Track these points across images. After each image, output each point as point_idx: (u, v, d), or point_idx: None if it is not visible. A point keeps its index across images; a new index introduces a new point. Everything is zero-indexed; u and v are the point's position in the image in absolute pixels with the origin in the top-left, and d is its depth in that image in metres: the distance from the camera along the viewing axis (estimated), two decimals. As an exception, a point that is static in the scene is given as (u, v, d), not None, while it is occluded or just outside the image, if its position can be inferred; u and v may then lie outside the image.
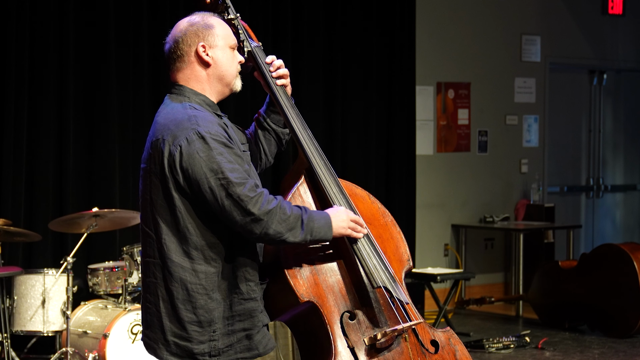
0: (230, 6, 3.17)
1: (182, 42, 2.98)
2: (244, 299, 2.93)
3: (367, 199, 3.28)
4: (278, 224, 2.85)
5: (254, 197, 2.82)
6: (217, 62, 3.00)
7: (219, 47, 2.99)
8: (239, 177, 2.83)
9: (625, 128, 10.54)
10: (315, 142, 3.16)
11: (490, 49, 9.25)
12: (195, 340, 2.89)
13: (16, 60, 6.58)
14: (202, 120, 2.87)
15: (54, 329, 5.91)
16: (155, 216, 2.90)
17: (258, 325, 2.96)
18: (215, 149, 2.83)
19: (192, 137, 2.83)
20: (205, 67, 2.99)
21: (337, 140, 8.04)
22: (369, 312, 3.08)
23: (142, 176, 2.96)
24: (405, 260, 3.29)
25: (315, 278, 3.02)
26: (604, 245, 7.98)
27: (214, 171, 2.81)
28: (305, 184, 3.13)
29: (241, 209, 2.81)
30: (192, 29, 2.98)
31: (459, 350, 3.25)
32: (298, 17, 7.87)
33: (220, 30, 3.01)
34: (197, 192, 2.83)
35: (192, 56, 2.99)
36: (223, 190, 2.81)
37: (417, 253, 8.62)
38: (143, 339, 3.00)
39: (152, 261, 2.93)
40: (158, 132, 2.91)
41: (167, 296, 2.90)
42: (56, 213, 6.61)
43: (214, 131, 2.86)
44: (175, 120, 2.89)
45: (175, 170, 2.84)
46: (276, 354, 5.71)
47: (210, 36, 2.98)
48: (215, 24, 3.01)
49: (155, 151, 2.89)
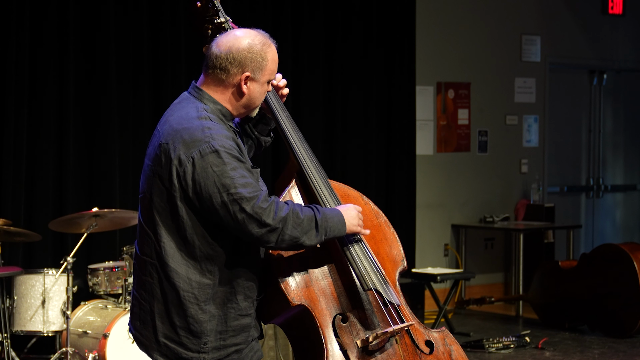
0: (220, 9, 3.17)
1: (233, 61, 2.92)
2: (240, 314, 2.94)
3: (360, 199, 3.28)
4: (293, 228, 2.85)
5: (267, 207, 2.82)
6: (252, 95, 2.97)
7: (259, 82, 2.96)
8: (252, 191, 2.82)
9: (625, 128, 10.54)
10: (305, 144, 3.16)
11: (490, 49, 9.25)
12: (185, 345, 2.90)
13: (16, 61, 6.58)
14: (216, 134, 2.85)
15: (54, 329, 5.91)
16: (156, 218, 2.89)
17: (248, 340, 2.98)
18: (229, 164, 2.82)
19: (206, 150, 2.81)
20: (239, 97, 2.96)
21: (337, 140, 8.04)
22: (361, 315, 3.08)
23: (147, 173, 2.94)
24: (399, 261, 3.28)
25: (307, 281, 3.02)
26: (604, 245, 7.98)
27: (226, 186, 2.80)
28: (296, 187, 3.14)
29: (257, 222, 2.81)
30: (249, 56, 2.92)
31: (454, 350, 3.24)
32: (298, 17, 7.87)
33: (270, 66, 2.97)
34: (208, 206, 2.82)
35: (233, 80, 2.94)
36: (236, 205, 2.80)
37: (417, 253, 8.62)
38: (133, 333, 3.00)
39: (150, 261, 2.92)
40: (169, 136, 2.88)
41: (161, 298, 2.91)
42: (56, 213, 6.61)
43: (227, 145, 2.84)
44: (189, 130, 2.85)
45: (184, 181, 2.83)
46: (276, 354, 5.71)
47: (259, 70, 2.94)
48: (270, 58, 2.96)
49: (164, 156, 2.87)
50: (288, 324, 3.14)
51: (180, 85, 6.79)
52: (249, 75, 2.93)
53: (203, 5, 3.15)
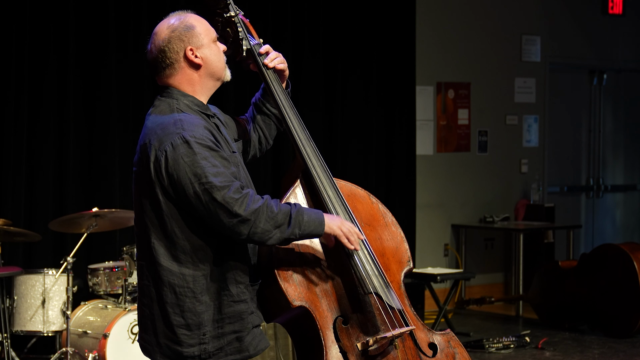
0: (230, 2, 3.15)
1: (168, 50, 2.95)
2: (233, 301, 2.93)
3: (368, 199, 3.26)
4: (266, 222, 2.83)
5: (239, 198, 2.81)
6: (207, 61, 2.99)
7: (204, 46, 2.98)
8: (223, 180, 2.82)
9: (625, 128, 10.54)
10: (312, 143, 3.14)
11: (490, 49, 9.25)
12: (184, 343, 2.90)
13: (16, 61, 6.58)
14: (187, 124, 2.86)
15: (54, 329, 5.91)
16: (145, 220, 2.91)
17: (248, 327, 2.96)
18: (199, 154, 2.82)
19: (177, 141, 2.83)
20: (197, 69, 2.98)
21: (337, 140, 8.05)
22: (362, 318, 3.06)
23: (134, 179, 2.98)
24: (405, 261, 3.26)
25: (308, 283, 3.01)
26: (604, 245, 7.98)
27: (197, 176, 2.80)
28: (301, 187, 3.12)
29: (227, 212, 2.80)
30: (175, 35, 2.95)
31: (458, 353, 3.22)
32: (298, 17, 7.87)
33: (200, 28, 2.99)
34: (183, 197, 2.83)
35: (181, 62, 2.97)
36: (207, 194, 2.80)
37: (417, 253, 8.62)
38: (139, 341, 3.02)
39: (145, 264, 2.94)
40: (146, 136, 2.92)
41: (157, 299, 2.92)
42: (56, 213, 6.61)
43: (198, 135, 2.85)
44: (162, 125, 2.89)
45: (161, 175, 2.84)
46: (276, 354, 5.71)
47: (194, 37, 2.96)
48: (194, 22, 2.99)
49: (143, 155, 2.90)
50: (290, 324, 3.13)
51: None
52: (190, 47, 2.95)
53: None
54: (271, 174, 7.46)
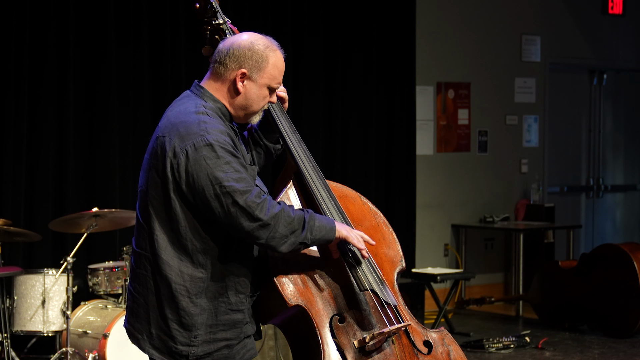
0: (218, 11, 3.18)
1: (232, 56, 2.95)
2: (231, 309, 2.94)
3: (358, 199, 3.29)
4: (284, 227, 2.86)
5: (260, 202, 2.84)
6: (248, 94, 2.98)
7: (256, 82, 2.97)
8: (245, 185, 2.84)
9: (625, 128, 10.54)
10: (303, 145, 3.17)
11: (490, 49, 9.25)
12: (176, 339, 2.91)
13: (16, 61, 6.59)
14: (211, 128, 2.87)
15: (54, 329, 5.91)
16: (150, 211, 2.91)
17: (240, 336, 2.98)
18: (223, 158, 2.83)
19: (200, 143, 2.83)
20: (235, 94, 2.97)
21: (338, 140, 8.04)
22: (358, 315, 3.08)
23: (144, 167, 2.97)
24: (397, 261, 3.28)
25: (304, 282, 3.03)
26: (604, 245, 7.98)
27: (219, 179, 2.82)
28: (293, 188, 3.15)
29: (248, 216, 2.82)
30: (249, 54, 2.94)
31: (453, 350, 3.24)
32: (298, 18, 7.87)
33: (272, 70, 2.97)
34: (201, 198, 2.84)
35: (229, 75, 2.96)
36: (229, 197, 2.81)
37: (417, 253, 8.62)
38: (126, 326, 3.01)
39: (144, 254, 2.94)
40: (166, 129, 2.91)
41: (154, 290, 2.92)
42: (56, 213, 6.62)
43: (222, 140, 2.86)
44: (185, 123, 2.88)
45: (178, 174, 2.85)
46: (276, 354, 5.71)
47: (257, 71, 2.95)
48: (272, 62, 2.97)
49: (160, 148, 2.90)
50: (286, 324, 3.14)
51: (180, 85, 6.79)
52: (245, 72, 2.94)
53: (201, 7, 3.17)
54: (271, 174, 7.47)
